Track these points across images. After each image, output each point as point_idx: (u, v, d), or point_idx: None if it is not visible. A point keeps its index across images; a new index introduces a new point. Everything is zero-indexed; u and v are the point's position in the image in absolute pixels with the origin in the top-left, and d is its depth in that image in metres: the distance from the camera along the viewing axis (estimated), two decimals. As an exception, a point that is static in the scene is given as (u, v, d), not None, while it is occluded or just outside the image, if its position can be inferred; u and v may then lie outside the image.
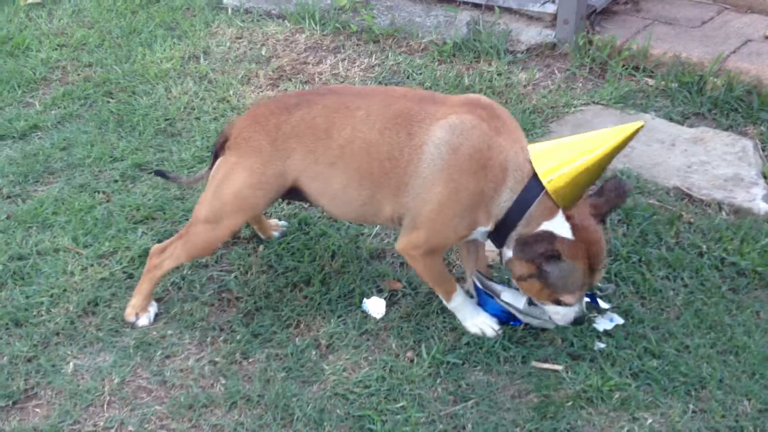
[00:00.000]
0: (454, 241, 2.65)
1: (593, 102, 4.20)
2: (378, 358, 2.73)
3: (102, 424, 2.49)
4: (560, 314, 2.64)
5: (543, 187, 2.50)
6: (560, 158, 2.48)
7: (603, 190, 2.61)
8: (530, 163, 2.52)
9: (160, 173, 3.17)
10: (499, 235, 2.60)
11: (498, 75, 4.41)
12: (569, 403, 2.56)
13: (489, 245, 2.79)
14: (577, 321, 2.65)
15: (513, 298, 2.78)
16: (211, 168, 2.85)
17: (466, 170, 2.50)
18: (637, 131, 2.46)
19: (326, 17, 5.04)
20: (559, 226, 2.48)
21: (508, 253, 2.59)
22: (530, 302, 2.74)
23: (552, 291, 2.55)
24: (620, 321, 2.86)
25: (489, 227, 2.58)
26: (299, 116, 2.67)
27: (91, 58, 4.83)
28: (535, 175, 2.51)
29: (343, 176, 2.63)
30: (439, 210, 2.55)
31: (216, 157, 2.83)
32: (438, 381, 2.65)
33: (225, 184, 2.72)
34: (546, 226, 2.49)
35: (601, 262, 2.58)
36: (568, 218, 2.50)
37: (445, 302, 2.84)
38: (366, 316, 2.91)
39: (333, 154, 2.62)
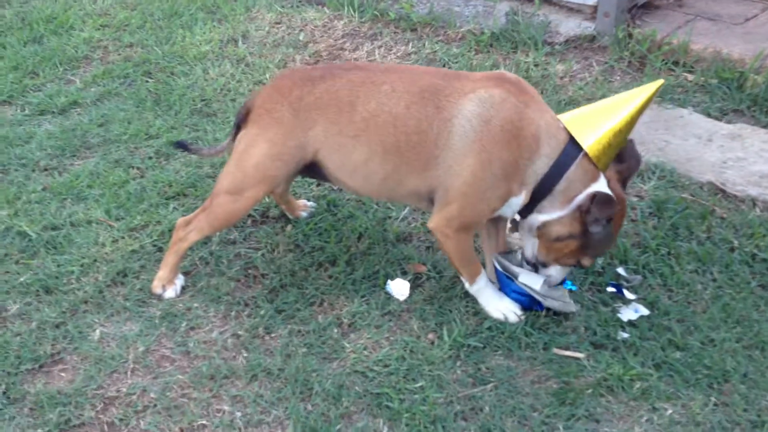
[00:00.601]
0: (487, 214, 2.66)
1: (630, 95, 4.15)
2: (399, 339, 2.73)
3: (125, 390, 2.53)
4: (556, 276, 2.77)
5: (580, 151, 2.54)
6: (593, 123, 2.53)
7: (623, 156, 2.65)
8: (565, 130, 2.54)
9: (180, 144, 3.19)
10: (531, 203, 2.62)
11: (535, 66, 4.39)
12: (589, 391, 2.55)
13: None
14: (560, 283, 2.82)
15: (530, 280, 2.78)
16: (233, 139, 2.87)
17: (498, 141, 2.52)
18: (658, 89, 2.57)
19: (365, 4, 5.05)
20: (603, 188, 2.54)
21: (540, 218, 2.64)
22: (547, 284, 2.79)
23: (583, 252, 2.66)
24: (645, 312, 2.83)
25: (522, 197, 2.60)
26: (323, 88, 2.69)
27: (132, 38, 4.91)
28: (571, 140, 2.54)
29: (366, 149, 2.64)
30: (472, 182, 2.56)
31: (238, 128, 2.85)
32: (458, 363, 2.65)
33: (246, 155, 2.74)
34: (594, 188, 2.55)
35: (619, 232, 2.73)
36: (607, 181, 2.55)
37: (467, 286, 2.84)
38: (389, 297, 2.92)
39: (357, 126, 2.64)
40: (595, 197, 2.52)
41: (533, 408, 2.50)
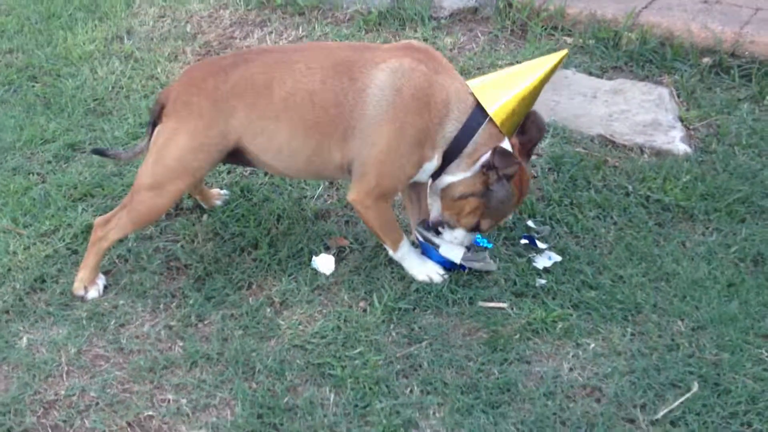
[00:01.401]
0: (403, 181, 2.75)
1: (516, 61, 4.33)
2: (332, 311, 2.80)
3: (63, 392, 2.49)
4: (459, 239, 2.86)
5: (486, 116, 2.65)
6: (499, 90, 2.64)
7: (524, 127, 2.77)
8: (472, 95, 2.65)
9: (98, 151, 3.14)
10: (441, 166, 2.73)
11: (424, 40, 4.51)
12: (516, 336, 2.70)
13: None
14: (466, 246, 2.91)
15: (451, 252, 2.89)
16: (149, 139, 2.86)
17: (410, 109, 2.62)
18: (562, 59, 2.68)
19: (249, -7, 5.05)
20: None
21: (449, 178, 2.74)
22: (467, 251, 2.90)
23: (482, 213, 2.74)
24: (558, 258, 3.01)
25: (435, 162, 2.70)
26: (237, 75, 2.71)
27: (11, 44, 4.73)
28: (478, 105, 2.65)
29: (288, 128, 2.69)
30: (387, 150, 2.64)
31: (154, 126, 2.84)
32: (391, 327, 2.75)
33: (166, 149, 2.74)
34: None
35: (522, 201, 2.81)
36: (512, 147, 2.67)
37: (391, 253, 2.93)
38: (316, 273, 2.98)
39: (276, 107, 2.68)
40: (496, 150, 2.62)
41: (468, 358, 2.62)
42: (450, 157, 2.72)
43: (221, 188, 3.41)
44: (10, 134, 3.84)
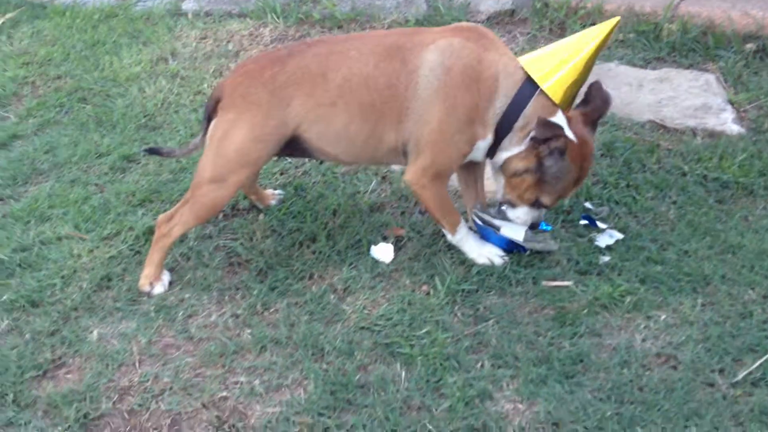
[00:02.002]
0: (457, 159, 2.75)
1: (558, 57, 4.35)
2: (395, 295, 2.80)
3: (137, 379, 2.51)
4: (523, 218, 2.83)
5: (536, 88, 2.64)
6: (551, 62, 2.64)
7: (587, 97, 2.76)
8: (522, 69, 2.66)
9: (152, 150, 3.19)
10: (494, 143, 2.72)
11: (463, 43, 4.54)
12: (585, 311, 2.67)
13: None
14: (533, 225, 2.86)
15: (512, 231, 2.88)
16: (204, 134, 2.90)
17: (460, 86, 2.64)
18: (615, 26, 2.67)
19: (287, 10, 5.13)
20: (560, 122, 2.62)
21: (505, 154, 2.73)
22: (529, 231, 2.87)
23: (540, 188, 2.71)
24: (620, 236, 2.99)
25: (488, 139, 2.71)
26: (294, 65, 2.75)
27: (59, 71, 4.84)
28: (528, 79, 2.65)
29: (345, 114, 2.72)
30: (439, 128, 2.66)
31: (209, 121, 2.88)
32: (456, 308, 2.74)
33: (226, 141, 2.77)
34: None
35: (585, 177, 2.76)
36: (568, 120, 2.65)
37: (449, 236, 2.93)
38: (376, 261, 2.98)
39: (332, 94, 2.71)
40: (537, 120, 2.60)
41: (537, 333, 2.60)
42: (502, 132, 2.72)
43: (275, 189, 3.44)
44: (65, 150, 3.92)
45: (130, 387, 2.48)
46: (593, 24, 4.57)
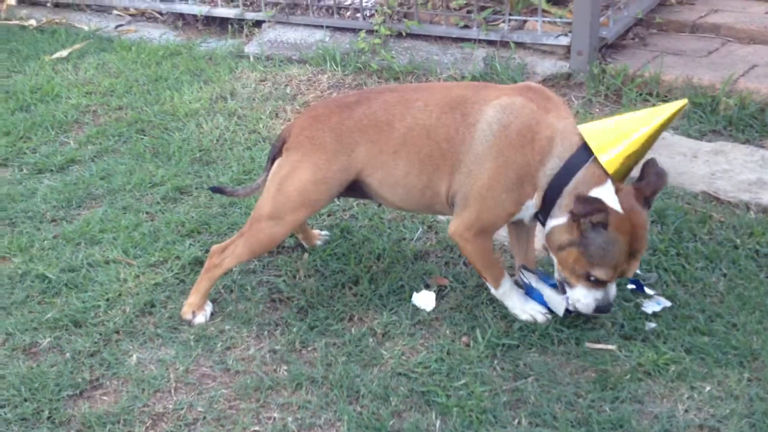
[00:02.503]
0: (504, 218, 2.74)
1: (612, 123, 4.35)
2: (434, 344, 2.78)
3: (171, 406, 2.51)
4: (583, 301, 2.69)
5: (591, 155, 2.61)
6: (612, 134, 2.61)
7: (643, 173, 2.71)
8: (579, 135, 2.64)
9: (216, 189, 3.19)
10: (545, 207, 2.69)
11: (518, 102, 4.57)
12: (627, 377, 2.61)
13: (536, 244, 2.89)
14: (600, 309, 2.69)
15: (555, 304, 2.83)
16: (267, 175, 2.94)
17: (514, 145, 2.64)
18: (681, 109, 2.60)
19: (346, 59, 5.23)
20: (608, 194, 2.59)
21: (552, 222, 2.68)
22: (568, 311, 2.81)
23: (587, 262, 2.61)
24: (667, 303, 2.93)
25: (536, 200, 2.68)
26: (361, 112, 2.79)
27: (121, 102, 4.99)
28: (584, 146, 2.63)
29: (406, 163, 2.75)
30: (489, 185, 2.66)
31: (273, 161, 2.92)
32: (495, 362, 2.70)
33: (288, 180, 2.81)
34: (596, 192, 2.59)
35: (642, 248, 2.66)
36: (617, 191, 2.61)
37: (492, 290, 2.91)
38: (417, 309, 2.96)
39: (395, 143, 2.74)
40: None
41: (577, 395, 2.55)
42: (551, 195, 2.68)
43: (321, 230, 3.46)
44: (120, 178, 4.01)
45: (164, 414, 2.49)
46: (649, 93, 4.58)
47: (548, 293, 2.86)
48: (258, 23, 5.93)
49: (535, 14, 5.03)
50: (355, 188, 2.86)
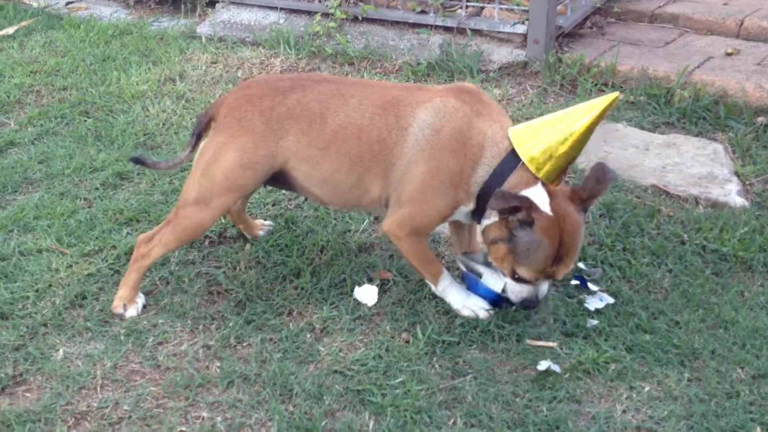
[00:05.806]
0: (437, 221, 2.69)
1: (566, 113, 4.30)
2: (373, 340, 2.71)
3: (96, 404, 2.42)
4: (515, 291, 2.67)
5: (520, 161, 2.56)
6: (541, 134, 2.55)
7: (586, 178, 2.65)
8: (509, 139, 2.58)
9: (137, 160, 3.03)
10: (479, 209, 2.65)
11: (472, 91, 4.50)
12: (566, 375, 2.57)
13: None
14: (526, 303, 2.68)
15: (493, 281, 2.78)
16: (191, 150, 2.84)
17: (446, 149, 2.58)
18: (613, 102, 2.54)
19: (300, 42, 5.12)
20: (537, 195, 2.52)
21: (485, 222, 2.64)
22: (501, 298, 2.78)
23: (513, 260, 2.58)
24: (610, 300, 2.90)
25: (470, 206, 2.64)
26: (294, 99, 2.70)
27: (66, 82, 4.82)
28: (513, 151, 2.58)
29: (334, 160, 2.67)
30: (421, 188, 2.60)
31: (198, 138, 2.82)
32: (435, 359, 2.65)
33: (214, 164, 2.72)
34: (525, 193, 2.53)
35: (571, 255, 2.58)
36: (549, 194, 2.54)
37: (433, 287, 2.85)
38: (359, 303, 2.90)
39: (326, 138, 2.66)
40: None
41: (515, 394, 2.50)
42: (484, 200, 2.63)
43: (265, 219, 3.37)
44: (60, 162, 3.87)
45: (87, 412, 2.39)
46: (605, 84, 4.54)
47: (486, 273, 2.80)
48: (212, 3, 5.79)
49: (493, 1, 4.96)
50: (281, 179, 2.77)
